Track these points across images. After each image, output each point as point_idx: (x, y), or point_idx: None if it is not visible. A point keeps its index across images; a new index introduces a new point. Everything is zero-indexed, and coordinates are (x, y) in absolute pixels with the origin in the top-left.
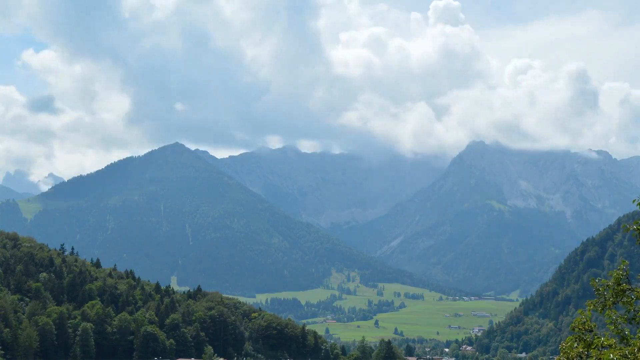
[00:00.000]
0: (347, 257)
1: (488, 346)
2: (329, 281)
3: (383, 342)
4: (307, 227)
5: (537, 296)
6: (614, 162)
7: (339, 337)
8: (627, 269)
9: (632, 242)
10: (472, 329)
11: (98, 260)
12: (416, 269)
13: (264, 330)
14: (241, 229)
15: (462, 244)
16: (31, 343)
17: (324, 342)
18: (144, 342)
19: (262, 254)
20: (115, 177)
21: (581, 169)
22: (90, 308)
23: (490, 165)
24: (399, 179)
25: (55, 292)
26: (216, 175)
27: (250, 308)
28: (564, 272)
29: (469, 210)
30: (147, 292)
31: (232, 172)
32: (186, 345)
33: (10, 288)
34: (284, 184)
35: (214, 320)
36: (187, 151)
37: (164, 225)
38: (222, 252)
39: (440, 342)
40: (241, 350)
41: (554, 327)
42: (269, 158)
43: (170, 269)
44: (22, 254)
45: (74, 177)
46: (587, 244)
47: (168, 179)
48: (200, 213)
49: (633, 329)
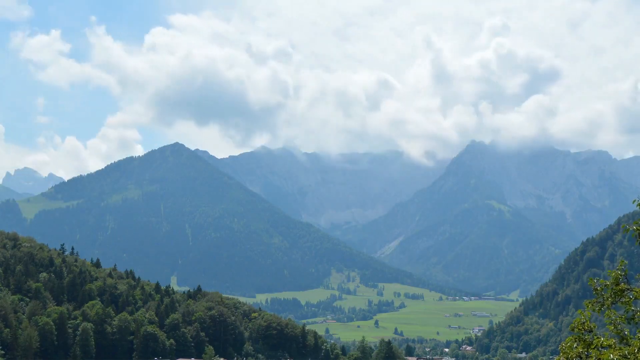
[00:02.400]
0: (347, 257)
1: (488, 346)
2: (329, 281)
3: (383, 342)
4: (307, 227)
5: (537, 296)
6: (614, 162)
7: (339, 337)
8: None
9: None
10: (472, 329)
11: (98, 260)
12: (416, 269)
13: (264, 330)
14: (241, 229)
15: (462, 244)
16: (31, 343)
17: (324, 342)
18: (144, 342)
19: (262, 254)
20: (115, 177)
21: (581, 169)
22: (90, 308)
23: (490, 165)
24: (399, 179)
25: (55, 292)
26: (216, 175)
27: (250, 308)
28: (564, 272)
29: (469, 210)
30: (147, 292)
31: (232, 172)
32: (186, 345)
33: (10, 288)
34: (284, 184)
35: (214, 320)
36: (187, 151)
37: (164, 225)
38: (222, 252)
39: (440, 342)
40: (241, 350)
41: (553, 327)
42: (269, 158)
43: (170, 269)
44: (22, 254)
45: (74, 177)
46: (587, 244)
47: (168, 179)
48: (200, 213)
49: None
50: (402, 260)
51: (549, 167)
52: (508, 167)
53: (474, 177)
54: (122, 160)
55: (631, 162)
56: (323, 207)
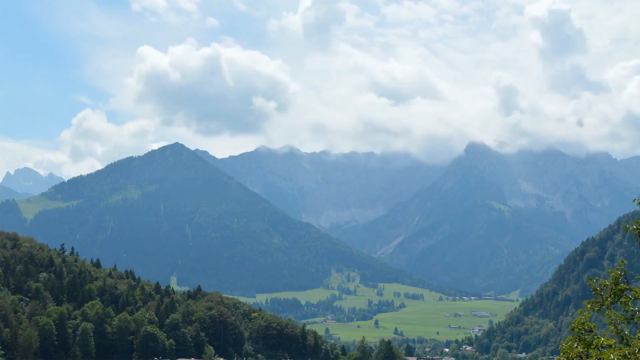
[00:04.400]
0: (347, 257)
1: (488, 346)
2: (329, 281)
3: (383, 342)
4: (307, 227)
5: (537, 296)
6: (614, 162)
7: (339, 337)
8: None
9: (632, 242)
10: (472, 329)
11: (98, 260)
12: (416, 269)
13: (264, 330)
14: (241, 229)
15: (462, 244)
16: (31, 343)
17: (324, 342)
18: (144, 342)
19: (262, 254)
20: (115, 177)
21: (581, 169)
22: (90, 308)
23: (490, 165)
24: (399, 179)
25: (55, 292)
26: (216, 175)
27: (250, 308)
28: (564, 272)
29: (469, 210)
30: (147, 292)
31: (232, 172)
32: (186, 345)
33: (10, 288)
34: (284, 184)
35: (214, 320)
36: (187, 151)
37: (164, 225)
38: (222, 252)
39: (440, 342)
40: (241, 350)
41: (553, 327)
42: (269, 158)
43: (170, 269)
44: (22, 254)
45: (74, 177)
46: (587, 244)
47: (168, 179)
48: (200, 213)
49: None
50: (402, 260)
51: (549, 167)
52: (508, 167)
53: (474, 177)
54: (122, 160)
55: (631, 162)
56: (323, 207)
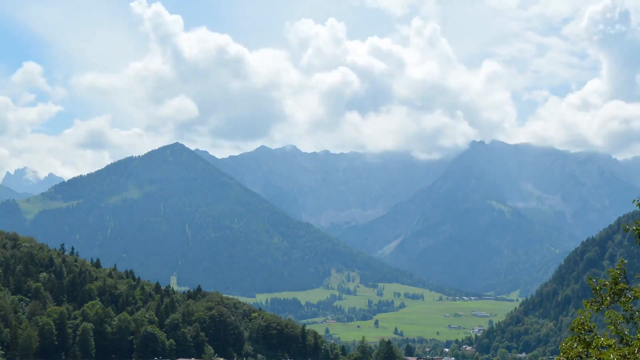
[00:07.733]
0: (347, 257)
1: (488, 346)
2: (329, 281)
3: (383, 342)
4: (307, 227)
5: (537, 296)
6: (614, 162)
7: (339, 337)
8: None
9: (632, 242)
10: (472, 329)
11: (98, 260)
12: (416, 269)
13: (263, 330)
14: (241, 229)
15: (462, 244)
16: (31, 343)
17: (324, 342)
18: (144, 342)
19: (262, 254)
20: (115, 177)
21: (581, 169)
22: (90, 308)
23: (490, 165)
24: (399, 179)
25: (55, 292)
26: (216, 175)
27: (250, 308)
28: (564, 272)
29: (469, 210)
30: (147, 292)
31: (232, 172)
32: (186, 345)
33: (10, 288)
34: (284, 184)
35: (213, 320)
36: (187, 151)
37: (163, 225)
38: (222, 252)
39: (440, 342)
40: (241, 350)
41: (553, 327)
42: (269, 158)
43: (170, 269)
44: (22, 254)
45: (74, 177)
46: (587, 244)
47: (168, 179)
48: (200, 213)
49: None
50: (402, 260)
51: (549, 167)
52: (508, 167)
53: (474, 177)
54: (122, 160)
55: (631, 162)
56: (323, 207)
